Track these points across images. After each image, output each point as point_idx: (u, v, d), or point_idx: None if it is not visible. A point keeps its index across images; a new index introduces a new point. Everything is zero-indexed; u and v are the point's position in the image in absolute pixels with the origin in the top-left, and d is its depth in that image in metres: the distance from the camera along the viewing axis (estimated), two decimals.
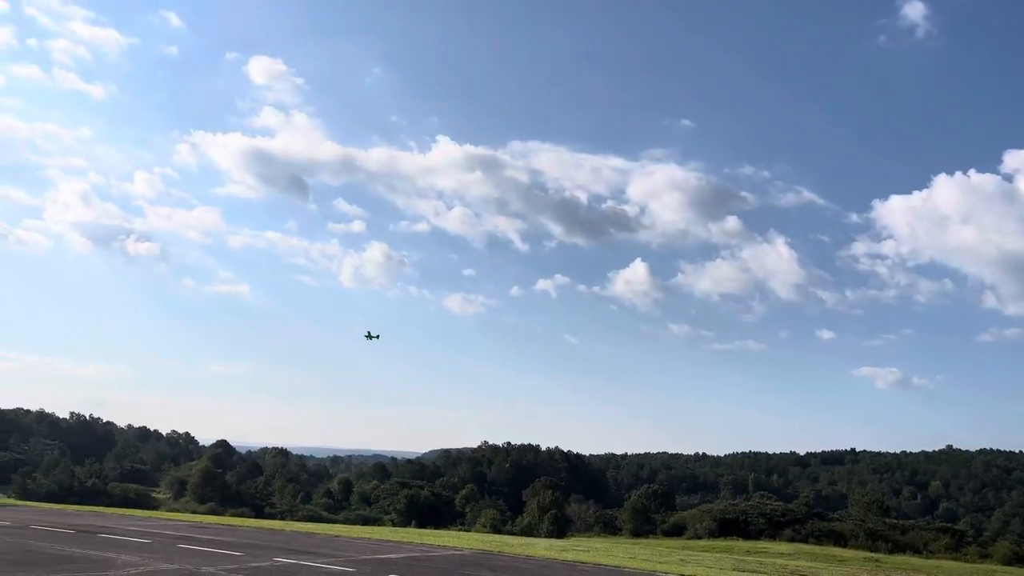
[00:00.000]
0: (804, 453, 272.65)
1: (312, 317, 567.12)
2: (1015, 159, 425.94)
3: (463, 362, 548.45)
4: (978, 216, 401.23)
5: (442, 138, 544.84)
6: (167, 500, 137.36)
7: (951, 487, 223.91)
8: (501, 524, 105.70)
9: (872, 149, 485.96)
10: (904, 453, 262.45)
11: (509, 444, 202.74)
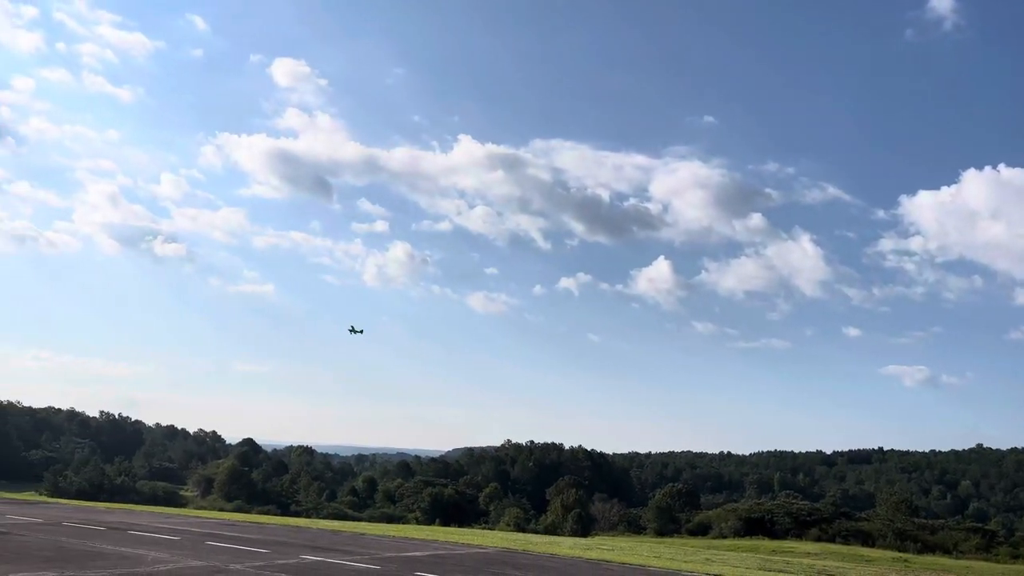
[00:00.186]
0: (831, 452, 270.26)
1: (336, 316, 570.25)
2: None
3: (486, 361, 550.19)
4: (1008, 211, 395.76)
5: (464, 137, 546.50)
6: (194, 498, 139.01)
7: (981, 486, 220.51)
8: (525, 523, 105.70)
9: (899, 144, 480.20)
10: (933, 452, 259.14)
11: (532, 443, 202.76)
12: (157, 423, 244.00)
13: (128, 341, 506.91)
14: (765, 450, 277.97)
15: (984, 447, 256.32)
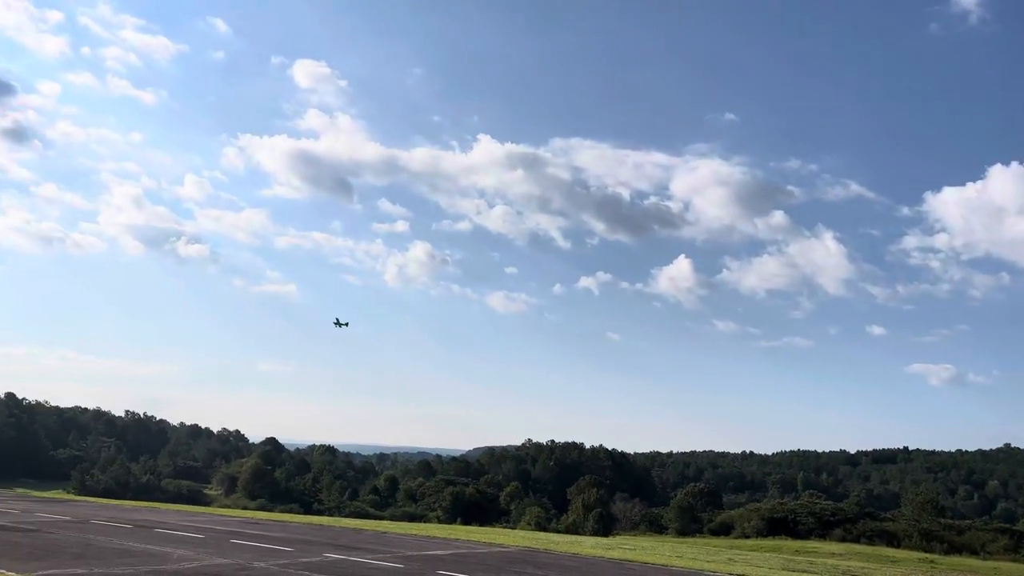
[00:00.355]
0: (855, 451, 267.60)
1: (358, 316, 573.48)
2: None
3: (506, 360, 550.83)
4: None
5: (483, 137, 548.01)
6: (218, 496, 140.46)
7: (1009, 486, 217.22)
8: (546, 522, 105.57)
9: (923, 140, 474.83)
10: (959, 452, 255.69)
11: (553, 442, 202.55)
12: (181, 422, 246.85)
13: (153, 341, 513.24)
14: (788, 449, 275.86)
15: (1012, 447, 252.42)
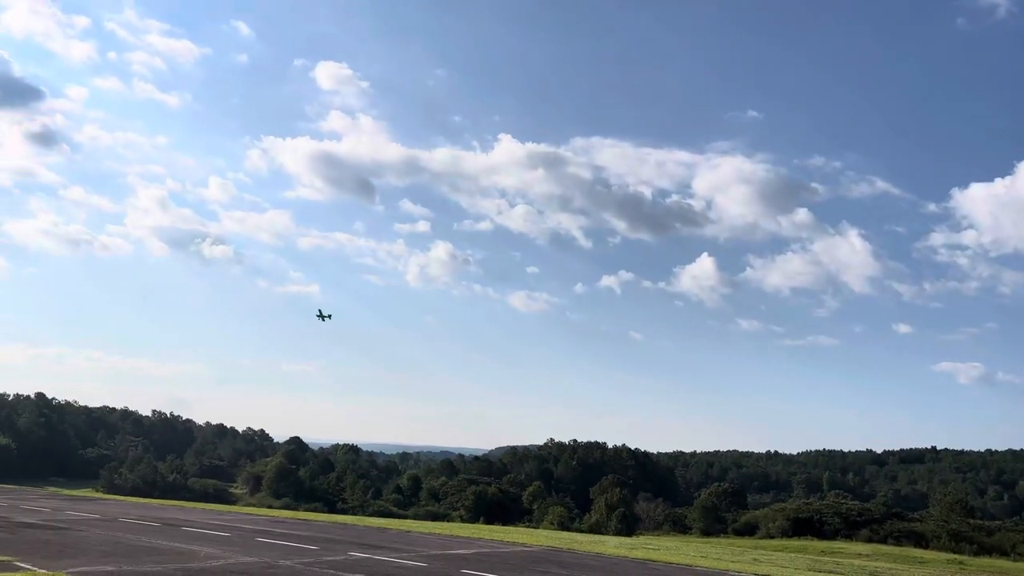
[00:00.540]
0: (881, 451, 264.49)
1: (380, 316, 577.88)
2: None
3: (528, 359, 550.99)
4: None
5: (504, 137, 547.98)
6: (244, 495, 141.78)
7: None
8: (569, 522, 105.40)
9: (950, 136, 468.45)
10: (989, 451, 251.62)
11: (575, 441, 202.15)
12: (207, 422, 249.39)
13: (178, 341, 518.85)
14: (813, 449, 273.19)
15: None
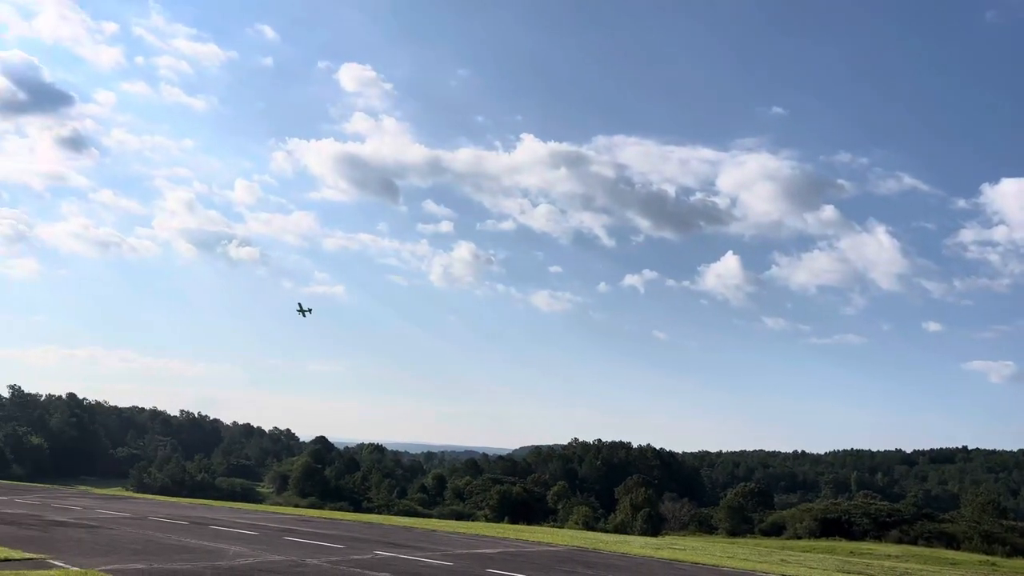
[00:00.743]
0: (911, 451, 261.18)
1: (404, 316, 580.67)
2: None
3: (552, 359, 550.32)
4: None
5: (527, 136, 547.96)
6: (270, 494, 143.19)
7: None
8: (593, 522, 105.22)
9: (980, 130, 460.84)
10: (1022, 451, 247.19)
11: (600, 441, 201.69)
12: (234, 421, 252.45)
13: (206, 342, 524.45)
14: (841, 449, 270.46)
15: None
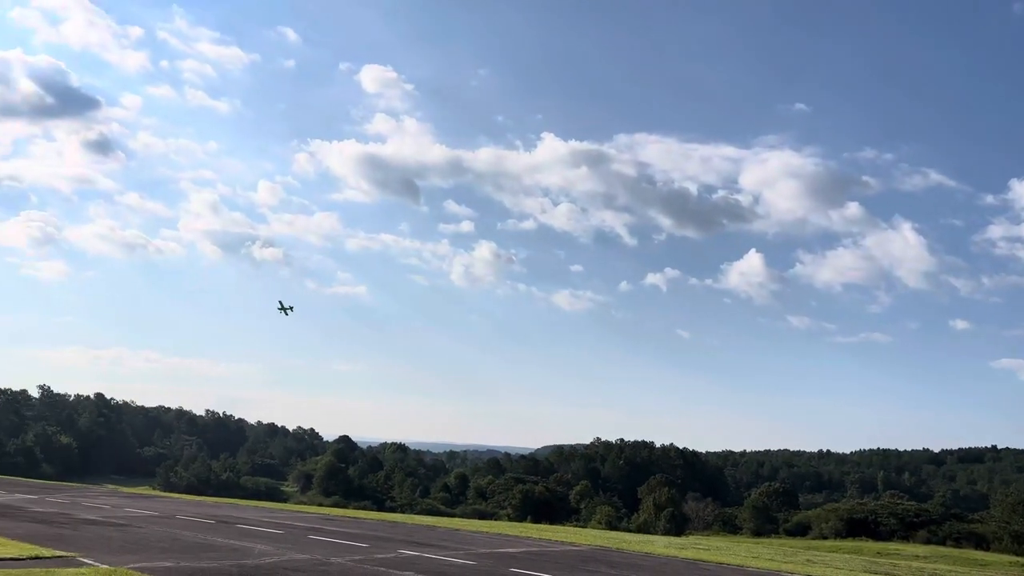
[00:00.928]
0: (939, 450, 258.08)
1: (426, 315, 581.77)
2: None
3: (573, 358, 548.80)
4: None
5: (547, 135, 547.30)
6: (295, 493, 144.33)
7: None
8: (616, 521, 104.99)
9: (1007, 125, 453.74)
10: None
11: (622, 441, 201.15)
12: (259, 421, 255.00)
13: (230, 342, 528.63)
14: (867, 448, 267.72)
15: None
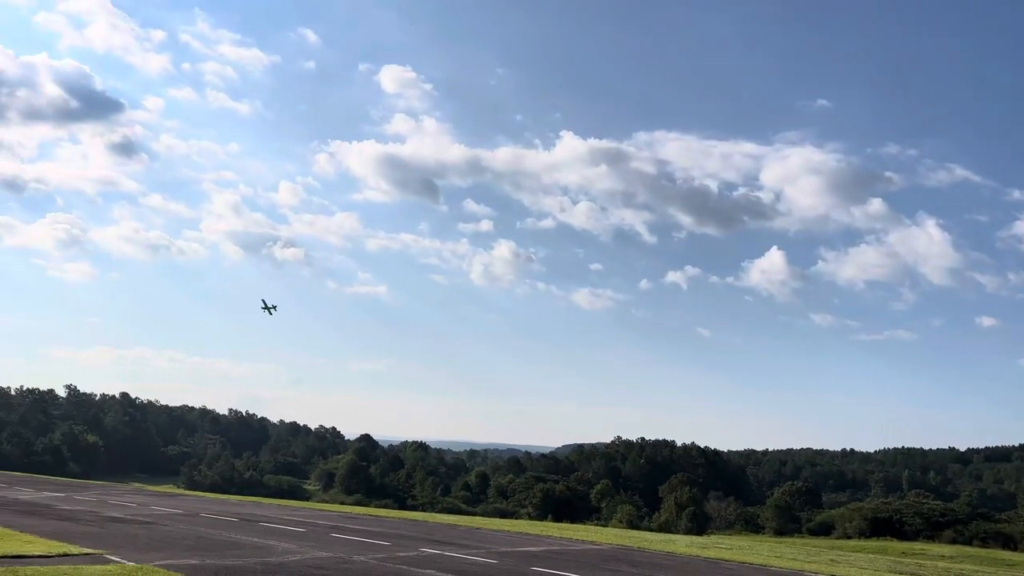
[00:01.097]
0: (965, 449, 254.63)
1: (445, 315, 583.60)
2: None
3: (593, 357, 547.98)
4: None
5: (566, 134, 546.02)
6: (317, 491, 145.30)
7: None
8: (638, 520, 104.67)
9: None
10: None
11: (643, 439, 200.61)
12: (281, 420, 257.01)
13: (252, 342, 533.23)
14: (892, 447, 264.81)
15: None
